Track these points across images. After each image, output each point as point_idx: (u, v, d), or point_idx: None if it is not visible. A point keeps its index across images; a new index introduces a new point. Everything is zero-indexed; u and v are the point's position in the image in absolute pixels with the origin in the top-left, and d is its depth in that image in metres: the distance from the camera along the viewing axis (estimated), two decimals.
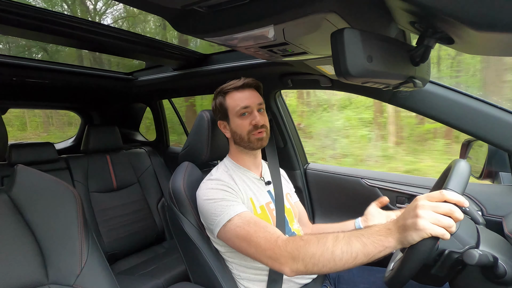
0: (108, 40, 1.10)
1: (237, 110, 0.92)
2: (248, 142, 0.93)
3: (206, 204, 0.85)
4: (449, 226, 0.53)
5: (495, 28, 0.38)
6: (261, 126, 0.92)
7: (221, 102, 0.95)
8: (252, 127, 0.92)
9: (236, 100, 0.93)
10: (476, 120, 0.89)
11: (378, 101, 3.03)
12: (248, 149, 0.96)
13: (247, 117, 0.92)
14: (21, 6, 0.85)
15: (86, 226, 0.69)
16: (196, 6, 0.62)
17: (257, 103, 0.94)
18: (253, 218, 0.79)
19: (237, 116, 0.93)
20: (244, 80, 0.94)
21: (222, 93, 0.95)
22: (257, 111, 0.93)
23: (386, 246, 0.59)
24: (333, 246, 0.63)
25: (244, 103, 0.92)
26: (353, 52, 0.49)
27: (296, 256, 0.67)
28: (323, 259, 0.64)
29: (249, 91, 0.94)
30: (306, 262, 0.66)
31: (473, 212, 0.75)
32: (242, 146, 0.95)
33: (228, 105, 0.94)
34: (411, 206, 0.59)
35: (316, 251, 0.65)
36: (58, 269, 0.63)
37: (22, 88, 1.74)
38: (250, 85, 0.95)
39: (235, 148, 0.98)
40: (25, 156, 1.62)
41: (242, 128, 0.92)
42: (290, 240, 0.71)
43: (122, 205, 1.86)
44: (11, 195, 0.64)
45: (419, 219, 0.55)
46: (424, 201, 0.57)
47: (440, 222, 0.54)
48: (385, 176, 1.29)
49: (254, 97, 0.94)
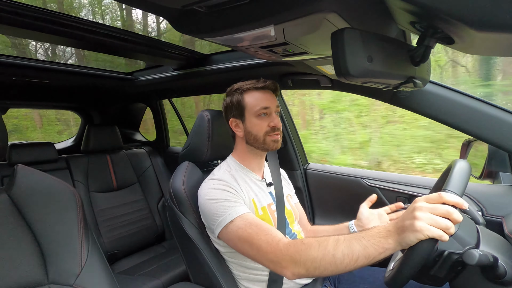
0: (108, 40, 1.10)
1: (257, 110, 0.91)
2: (263, 143, 0.92)
3: (208, 204, 0.84)
4: (447, 228, 0.54)
5: (495, 28, 0.38)
6: (277, 129, 0.92)
7: (239, 99, 0.93)
8: (269, 129, 0.91)
9: (257, 99, 0.92)
10: (476, 120, 0.89)
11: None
12: (260, 150, 0.95)
13: (265, 118, 0.92)
14: (21, 6, 0.85)
15: (86, 226, 0.69)
16: (196, 6, 0.62)
17: (276, 105, 0.94)
18: (255, 220, 0.79)
19: (255, 116, 0.91)
20: (264, 82, 0.93)
21: (240, 91, 0.94)
22: (274, 113, 0.93)
23: (386, 248, 0.59)
24: (334, 249, 0.64)
25: (264, 104, 0.91)
26: (353, 52, 0.49)
27: (298, 260, 0.68)
28: (324, 262, 0.64)
29: (268, 93, 0.94)
30: (308, 266, 0.66)
31: (473, 212, 0.75)
32: (254, 146, 0.95)
33: (247, 104, 0.92)
34: (410, 208, 0.59)
35: (317, 255, 0.65)
36: (58, 269, 0.63)
37: (22, 88, 1.74)
38: (269, 88, 0.95)
39: (245, 147, 0.97)
40: (25, 156, 1.62)
41: (259, 129, 0.91)
42: (292, 243, 0.71)
43: (122, 205, 1.86)
44: (11, 195, 0.64)
45: (416, 221, 0.55)
46: (422, 203, 0.57)
47: (437, 224, 0.54)
48: (385, 176, 1.29)
49: (274, 100, 0.94)
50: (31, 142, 1.73)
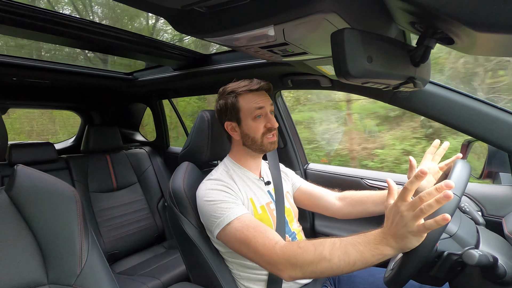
0: (108, 40, 1.10)
1: (252, 112, 0.91)
2: (260, 145, 0.92)
3: (206, 205, 0.85)
4: (431, 208, 0.52)
5: (495, 28, 0.38)
6: (274, 129, 0.92)
7: (233, 102, 0.92)
8: (266, 130, 0.91)
9: (252, 102, 0.91)
10: (476, 120, 0.89)
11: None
12: (257, 152, 0.95)
13: (261, 119, 0.92)
14: (21, 6, 0.85)
15: (86, 226, 0.69)
16: (196, 6, 0.62)
17: (270, 104, 0.94)
18: (253, 222, 0.79)
19: (251, 118, 0.91)
20: (259, 83, 0.93)
21: (235, 94, 0.92)
22: (269, 113, 0.93)
23: (385, 254, 0.59)
24: (330, 254, 0.64)
25: (259, 104, 0.91)
26: (353, 53, 0.49)
27: (294, 264, 0.68)
28: (321, 267, 0.65)
29: (262, 93, 0.94)
30: (304, 270, 0.67)
31: (473, 212, 0.75)
32: (252, 148, 0.94)
33: (242, 107, 0.91)
34: (397, 216, 0.58)
35: (313, 260, 0.66)
36: (58, 269, 0.63)
37: (22, 88, 1.74)
38: (263, 88, 0.95)
39: (242, 149, 0.97)
40: (25, 156, 1.63)
41: (256, 131, 0.91)
42: (288, 246, 0.71)
43: (122, 205, 1.86)
44: (11, 195, 0.64)
45: (410, 225, 0.55)
46: (401, 205, 0.57)
47: (427, 211, 0.53)
48: (385, 176, 1.29)
49: (268, 99, 0.94)
50: (31, 142, 1.73)
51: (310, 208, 1.12)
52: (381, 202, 0.97)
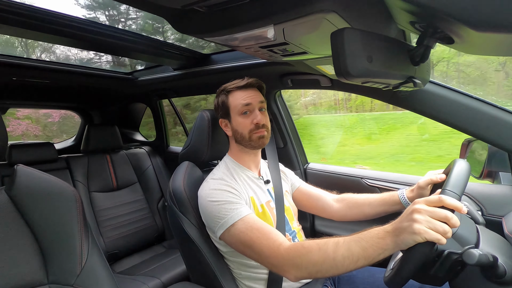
0: (108, 40, 1.10)
1: (239, 108, 0.93)
2: (249, 141, 0.93)
3: (210, 205, 0.85)
4: (444, 232, 0.54)
5: (495, 28, 0.38)
6: (262, 126, 0.92)
7: (224, 100, 0.96)
8: (253, 126, 0.92)
9: (238, 98, 0.93)
10: (476, 120, 0.89)
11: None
12: (249, 148, 0.96)
13: (248, 116, 0.93)
14: (21, 6, 0.85)
15: (86, 226, 0.69)
16: (196, 5, 0.62)
17: (258, 101, 0.94)
18: (256, 223, 0.79)
19: (238, 115, 0.93)
20: (247, 80, 0.95)
21: (225, 92, 0.96)
22: (258, 110, 0.94)
23: (385, 248, 0.59)
24: (334, 252, 0.64)
25: (246, 101, 0.92)
26: (353, 52, 0.49)
27: (299, 264, 0.68)
28: (326, 266, 0.65)
29: (252, 90, 0.95)
30: (309, 270, 0.68)
31: (473, 212, 0.75)
32: (243, 144, 0.96)
33: (230, 104, 0.94)
34: (408, 209, 0.59)
35: (318, 259, 0.66)
36: (58, 269, 0.63)
37: (22, 88, 1.73)
38: (252, 85, 0.96)
39: (236, 146, 0.99)
40: (25, 156, 1.62)
41: (243, 127, 0.93)
42: (292, 248, 0.71)
43: (122, 205, 1.86)
44: (11, 195, 0.64)
45: (414, 223, 0.55)
46: (422, 205, 0.57)
47: (435, 228, 0.54)
48: (385, 176, 1.28)
49: (256, 96, 0.94)
50: (31, 142, 1.73)
51: (308, 209, 1.13)
52: (377, 205, 0.98)
